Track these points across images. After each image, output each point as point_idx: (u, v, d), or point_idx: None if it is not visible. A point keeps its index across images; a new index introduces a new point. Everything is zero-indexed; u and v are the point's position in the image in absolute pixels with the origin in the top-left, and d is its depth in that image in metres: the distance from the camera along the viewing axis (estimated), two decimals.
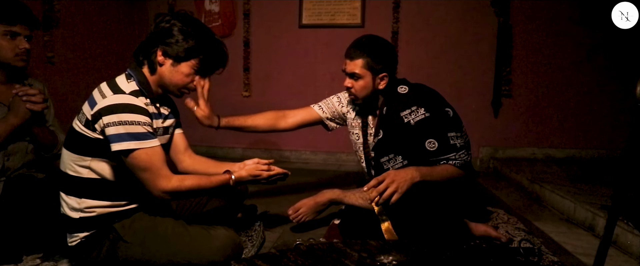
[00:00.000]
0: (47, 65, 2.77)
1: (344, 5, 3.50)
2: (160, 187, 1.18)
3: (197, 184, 1.25)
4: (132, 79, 1.24)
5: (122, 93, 1.18)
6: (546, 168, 2.92)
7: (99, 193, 1.24)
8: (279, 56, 3.67)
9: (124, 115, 1.14)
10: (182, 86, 1.29)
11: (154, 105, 1.29)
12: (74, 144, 1.23)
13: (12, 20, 1.41)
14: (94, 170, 1.23)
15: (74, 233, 1.26)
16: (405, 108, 1.59)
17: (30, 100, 1.41)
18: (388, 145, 1.63)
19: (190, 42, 1.23)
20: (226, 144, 3.80)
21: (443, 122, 1.57)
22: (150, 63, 1.27)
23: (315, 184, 2.80)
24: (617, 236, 1.70)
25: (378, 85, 1.63)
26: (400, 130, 1.58)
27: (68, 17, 2.89)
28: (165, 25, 1.23)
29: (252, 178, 1.37)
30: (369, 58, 1.58)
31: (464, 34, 3.41)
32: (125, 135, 1.13)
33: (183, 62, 1.25)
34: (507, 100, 3.42)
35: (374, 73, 1.60)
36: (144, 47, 1.27)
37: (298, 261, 1.07)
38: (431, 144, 1.56)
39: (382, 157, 1.65)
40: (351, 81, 1.63)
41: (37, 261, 1.40)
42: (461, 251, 1.22)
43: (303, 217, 1.78)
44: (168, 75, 1.26)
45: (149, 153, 1.17)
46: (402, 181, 1.49)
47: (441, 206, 1.52)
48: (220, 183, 1.30)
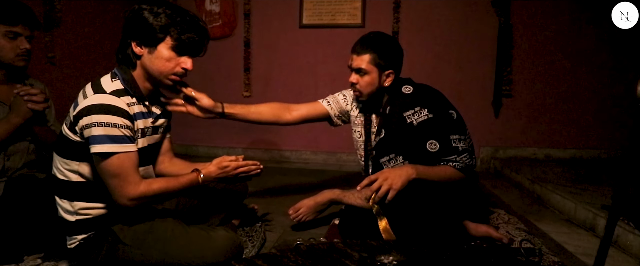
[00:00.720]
0: (48, 65, 2.77)
1: (344, 5, 3.50)
2: (127, 194, 1.13)
3: (165, 186, 1.21)
4: (117, 78, 1.20)
5: (103, 93, 1.14)
6: (547, 168, 2.92)
7: (90, 195, 1.22)
8: (280, 56, 3.67)
9: (101, 116, 1.10)
10: (168, 72, 1.22)
11: (141, 103, 1.24)
12: (62, 148, 1.21)
13: (14, 21, 1.41)
14: (82, 174, 1.20)
15: (72, 236, 1.25)
16: (408, 108, 1.58)
17: (31, 100, 1.41)
18: (389, 145, 1.62)
19: (160, 20, 1.15)
20: (226, 144, 3.80)
21: (446, 124, 1.57)
22: (128, 59, 1.21)
23: (315, 184, 2.80)
24: (617, 237, 1.69)
25: (384, 82, 1.61)
26: (403, 130, 1.58)
27: (69, 17, 2.89)
28: (131, 14, 1.18)
29: (220, 171, 1.30)
30: (376, 54, 1.56)
31: (465, 34, 3.41)
32: (104, 137, 1.10)
33: (159, 45, 1.17)
34: (507, 100, 3.42)
35: (381, 69, 1.58)
36: (120, 46, 1.22)
37: (298, 261, 1.07)
38: (432, 145, 1.55)
39: (383, 157, 1.64)
40: (357, 77, 1.61)
41: (38, 262, 1.40)
42: (462, 251, 1.22)
43: (303, 217, 1.78)
44: (149, 64, 1.20)
45: (122, 158, 1.12)
46: (396, 177, 1.48)
47: (439, 205, 1.51)
48: (189, 183, 1.26)
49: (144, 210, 1.29)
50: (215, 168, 1.31)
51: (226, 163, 1.31)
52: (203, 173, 1.29)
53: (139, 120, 1.22)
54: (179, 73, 1.25)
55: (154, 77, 1.23)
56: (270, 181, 2.91)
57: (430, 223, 1.47)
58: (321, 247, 1.18)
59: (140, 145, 1.23)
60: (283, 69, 3.68)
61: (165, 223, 1.29)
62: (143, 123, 1.25)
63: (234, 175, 1.34)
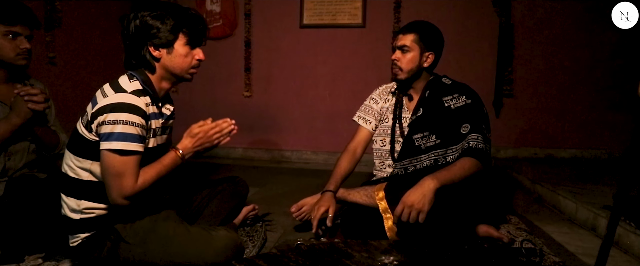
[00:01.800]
0: (49, 65, 2.77)
1: (345, 5, 3.49)
2: (125, 191, 1.14)
3: (155, 172, 1.21)
4: (135, 79, 1.23)
5: (123, 92, 1.17)
6: (548, 168, 2.91)
7: (97, 195, 1.23)
8: (280, 56, 3.67)
9: (123, 114, 1.13)
10: (188, 67, 1.27)
11: (155, 104, 1.27)
12: (76, 146, 1.23)
13: (13, 21, 1.42)
14: (94, 174, 1.22)
15: (74, 234, 1.26)
16: (448, 94, 1.69)
17: (31, 100, 1.41)
18: (425, 123, 1.68)
19: (168, 22, 1.21)
20: (227, 144, 3.79)
21: (480, 113, 1.65)
22: (147, 64, 1.24)
23: (316, 184, 2.79)
24: (619, 237, 1.69)
25: (423, 62, 1.70)
26: (440, 112, 1.66)
27: (70, 17, 2.90)
28: (137, 22, 1.20)
29: (195, 140, 1.27)
30: (419, 35, 1.68)
31: (466, 33, 3.41)
32: (117, 134, 1.12)
33: (175, 43, 1.23)
34: (508, 100, 3.42)
35: (422, 49, 1.68)
36: (132, 53, 1.24)
37: (299, 261, 1.07)
38: (465, 128, 1.61)
39: (416, 133, 1.69)
40: (399, 54, 1.70)
41: (39, 261, 1.41)
42: (462, 251, 1.22)
43: (306, 215, 1.78)
44: (170, 64, 1.25)
45: (130, 158, 1.14)
46: (420, 198, 1.41)
47: (449, 206, 1.49)
48: (172, 162, 1.25)
49: (147, 209, 1.30)
50: (189, 139, 1.28)
51: (196, 130, 1.28)
52: (180, 148, 1.27)
53: (152, 120, 1.25)
54: (195, 66, 1.30)
55: (174, 75, 1.28)
56: (271, 181, 2.91)
57: (440, 224, 1.46)
58: (322, 247, 1.18)
59: (150, 144, 1.25)
60: (284, 69, 3.68)
61: (168, 222, 1.30)
62: (155, 123, 1.27)
63: (211, 140, 1.30)
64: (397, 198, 1.47)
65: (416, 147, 1.67)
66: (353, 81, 3.50)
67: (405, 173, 1.68)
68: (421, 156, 1.66)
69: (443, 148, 1.63)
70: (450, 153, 1.61)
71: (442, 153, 1.63)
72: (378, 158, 1.85)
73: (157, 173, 1.21)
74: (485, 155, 1.57)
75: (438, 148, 1.64)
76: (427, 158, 1.65)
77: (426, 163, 1.65)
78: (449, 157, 1.61)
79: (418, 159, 1.67)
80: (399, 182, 1.63)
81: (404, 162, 1.70)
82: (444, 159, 1.62)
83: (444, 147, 1.63)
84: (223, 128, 1.30)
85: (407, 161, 1.69)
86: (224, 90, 3.65)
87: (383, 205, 1.54)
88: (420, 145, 1.67)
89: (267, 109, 3.73)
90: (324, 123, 3.62)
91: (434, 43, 1.70)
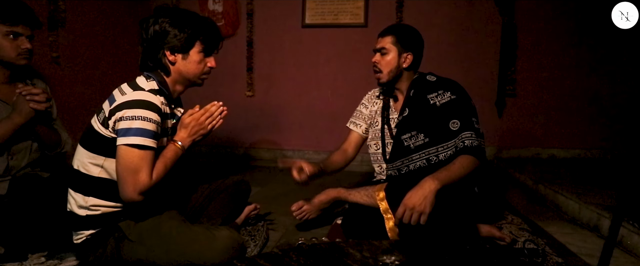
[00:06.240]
0: (52, 65, 2.78)
1: (347, 4, 3.49)
2: (141, 186, 1.16)
3: (163, 166, 1.23)
4: (152, 79, 1.27)
5: (141, 90, 1.21)
6: (550, 168, 2.90)
7: (105, 193, 1.25)
8: (282, 56, 3.67)
9: (140, 110, 1.16)
10: (200, 73, 1.34)
11: (169, 105, 1.31)
12: (90, 142, 1.25)
13: (14, 21, 1.43)
14: (106, 170, 1.24)
15: (79, 231, 1.27)
16: (432, 91, 1.68)
17: (33, 99, 1.42)
18: (412, 123, 1.67)
19: (187, 30, 1.26)
20: (229, 144, 3.80)
21: (468, 106, 1.64)
22: (163, 67, 1.29)
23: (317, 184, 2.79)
24: (622, 237, 1.68)
25: (403, 63, 1.70)
26: (426, 110, 1.65)
27: (73, 17, 2.90)
28: (157, 27, 1.25)
29: (189, 130, 1.29)
30: (396, 36, 1.70)
31: (468, 33, 3.40)
32: (135, 129, 1.15)
33: (191, 50, 1.29)
34: (511, 99, 3.41)
35: (400, 50, 1.70)
36: (149, 56, 1.29)
37: (300, 261, 1.07)
38: (454, 125, 1.60)
39: (404, 134, 1.68)
40: (378, 56, 1.72)
41: (42, 260, 1.41)
42: (465, 251, 1.21)
43: (307, 215, 1.79)
44: (184, 69, 1.30)
45: (147, 153, 1.17)
46: (422, 200, 1.41)
47: (450, 206, 1.48)
48: (174, 155, 1.27)
49: (151, 208, 1.31)
50: (183, 130, 1.30)
51: (188, 120, 1.30)
52: (177, 139, 1.29)
53: (166, 120, 1.29)
54: (207, 72, 1.36)
55: (187, 79, 1.34)
56: (272, 181, 2.91)
57: (442, 224, 1.45)
58: (323, 247, 1.18)
59: (161, 143, 1.28)
60: (286, 69, 3.68)
61: (170, 222, 1.31)
62: (167, 123, 1.31)
63: (204, 126, 1.32)
64: (397, 199, 1.47)
65: (405, 147, 1.66)
66: (355, 81, 3.50)
67: (399, 174, 1.68)
68: (412, 156, 1.65)
69: (433, 146, 1.62)
70: (442, 151, 1.60)
71: (434, 151, 1.62)
72: (376, 163, 1.86)
73: (164, 167, 1.24)
74: (481, 151, 1.58)
75: (427, 146, 1.63)
76: (418, 158, 1.64)
77: (419, 164, 1.64)
78: (442, 155, 1.60)
79: (410, 159, 1.66)
80: (399, 182, 1.63)
81: (396, 163, 1.69)
82: (437, 158, 1.61)
83: (434, 145, 1.61)
84: (213, 113, 1.33)
85: (399, 162, 1.68)
86: (226, 89, 3.65)
87: (384, 206, 1.54)
88: (410, 145, 1.66)
89: (269, 109, 3.73)
90: (326, 123, 3.62)
91: (412, 43, 1.72)
